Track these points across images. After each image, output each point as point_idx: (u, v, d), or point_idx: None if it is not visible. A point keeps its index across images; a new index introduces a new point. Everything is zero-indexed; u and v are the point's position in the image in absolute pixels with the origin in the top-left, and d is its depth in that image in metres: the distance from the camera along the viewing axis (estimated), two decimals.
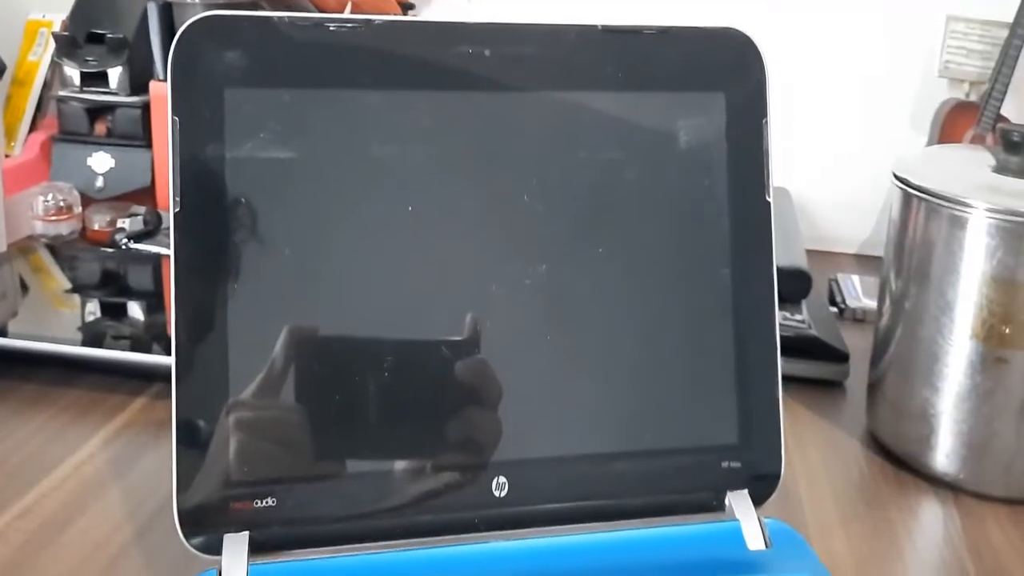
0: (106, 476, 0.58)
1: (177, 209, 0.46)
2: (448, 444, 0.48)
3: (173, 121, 0.46)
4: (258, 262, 0.46)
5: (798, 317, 0.77)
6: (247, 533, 0.46)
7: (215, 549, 0.45)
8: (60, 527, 0.53)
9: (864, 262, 1.03)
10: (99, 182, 0.96)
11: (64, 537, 0.52)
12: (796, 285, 0.78)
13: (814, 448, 0.65)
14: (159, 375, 0.67)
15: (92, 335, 0.72)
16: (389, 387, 0.47)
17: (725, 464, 0.52)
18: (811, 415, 0.70)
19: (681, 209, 0.52)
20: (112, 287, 0.85)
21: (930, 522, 0.57)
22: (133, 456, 0.60)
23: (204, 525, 0.45)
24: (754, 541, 0.50)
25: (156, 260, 0.86)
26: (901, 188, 0.61)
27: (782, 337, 0.53)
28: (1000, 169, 0.61)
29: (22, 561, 0.50)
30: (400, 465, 0.47)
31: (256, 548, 0.46)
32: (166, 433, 0.62)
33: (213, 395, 0.46)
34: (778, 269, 0.53)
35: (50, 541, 0.52)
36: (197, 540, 0.45)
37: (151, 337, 0.73)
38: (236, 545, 0.45)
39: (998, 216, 0.55)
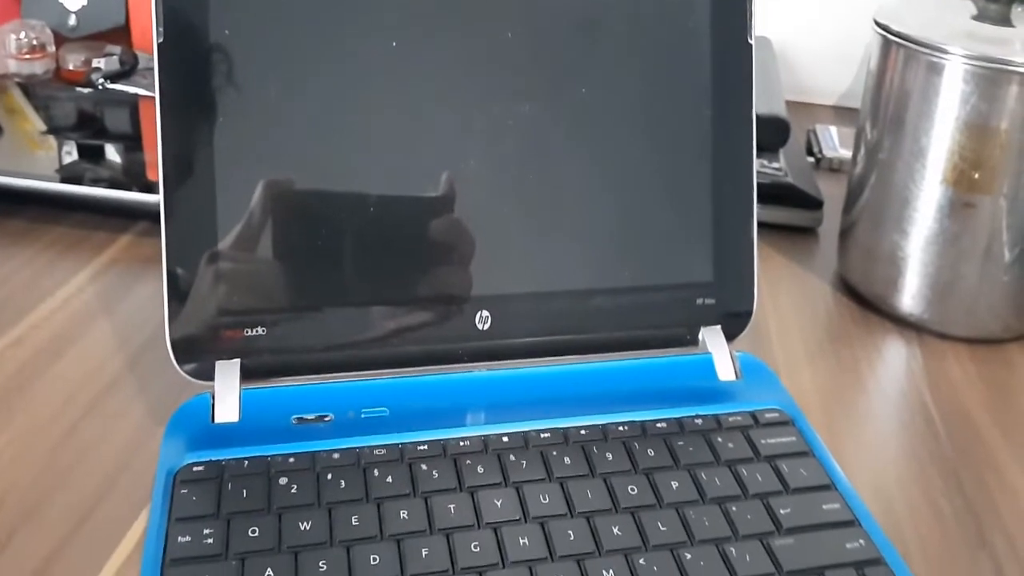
0: (96, 309, 0.59)
1: (161, 40, 0.46)
2: (431, 280, 0.50)
3: None
4: (243, 96, 0.46)
5: (775, 165, 0.77)
6: (238, 360, 0.47)
7: (207, 375, 0.47)
8: (53, 356, 0.55)
9: (842, 114, 1.04)
10: (72, 20, 0.93)
11: (57, 366, 0.54)
12: (774, 133, 0.79)
13: (786, 291, 0.67)
14: (144, 213, 0.68)
15: (71, 176, 0.72)
16: (374, 226, 0.48)
17: (700, 301, 0.53)
18: (784, 260, 0.71)
19: (663, 50, 0.52)
20: (89, 129, 0.84)
21: (893, 359, 0.60)
22: (121, 290, 0.61)
23: (196, 353, 0.47)
24: (725, 372, 0.52)
25: (133, 101, 0.85)
26: (881, 35, 0.61)
27: (759, 184, 0.54)
28: (980, 17, 0.61)
29: (17, 387, 0.52)
30: (385, 299, 0.49)
31: (247, 374, 0.47)
32: (153, 269, 0.63)
33: (202, 228, 0.46)
34: (757, 117, 0.54)
35: (44, 369, 0.53)
36: (190, 367, 0.47)
37: (130, 179, 0.73)
38: (228, 371, 0.47)
39: (974, 62, 0.56)
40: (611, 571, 0.40)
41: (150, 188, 0.68)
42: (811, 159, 0.89)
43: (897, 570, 0.41)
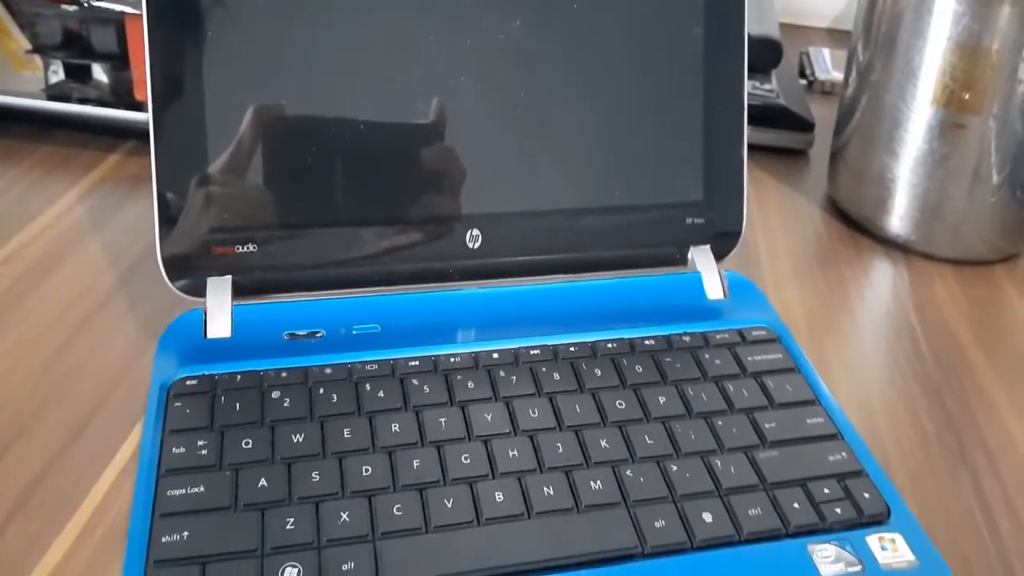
0: (85, 227, 0.59)
1: None
2: (422, 199, 0.50)
3: None
4: (232, 15, 0.46)
5: (767, 87, 0.77)
6: (230, 277, 0.47)
7: (199, 292, 0.47)
8: (43, 274, 0.55)
9: (836, 36, 1.03)
10: None
11: (48, 283, 0.54)
12: (766, 54, 0.78)
13: (775, 213, 0.67)
14: (132, 131, 0.67)
15: (58, 94, 0.71)
16: (365, 145, 0.48)
17: (689, 220, 0.54)
18: (775, 182, 0.71)
19: None
20: (75, 47, 0.83)
21: (880, 279, 0.60)
22: (111, 209, 0.61)
23: (187, 269, 0.47)
24: (713, 291, 0.53)
25: (120, 18, 0.83)
26: None
27: (750, 106, 0.54)
28: None
29: (8, 305, 0.52)
30: (375, 218, 0.49)
31: (239, 291, 0.48)
32: (142, 188, 0.63)
33: (192, 146, 0.46)
34: (749, 38, 0.53)
35: (35, 287, 0.54)
36: (181, 283, 0.47)
37: (117, 98, 0.72)
38: (220, 287, 0.47)
39: None
40: (599, 482, 0.40)
41: (138, 107, 0.68)
42: (803, 81, 0.88)
43: (878, 482, 0.42)
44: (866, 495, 0.41)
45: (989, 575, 0.40)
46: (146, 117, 0.46)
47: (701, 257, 0.53)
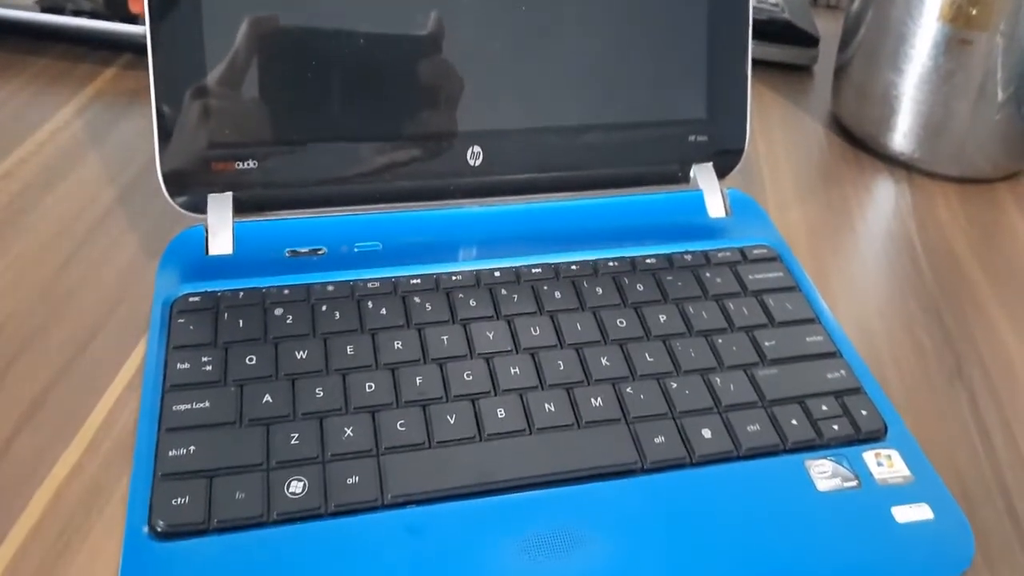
0: (84, 142, 0.59)
1: None
2: (423, 116, 0.49)
3: None
4: None
5: (772, 1, 0.76)
6: (231, 193, 0.47)
7: (200, 208, 0.47)
8: (43, 189, 0.54)
9: None
10: None
11: (48, 199, 0.54)
12: None
13: (778, 130, 0.67)
14: (128, 44, 0.67)
15: (51, 7, 0.70)
16: (365, 61, 0.47)
17: (692, 138, 0.53)
18: (778, 99, 0.71)
19: None
20: None
21: (883, 198, 0.60)
22: (108, 124, 0.61)
23: (188, 185, 0.47)
24: (715, 209, 0.53)
25: None
26: None
27: (755, 20, 0.53)
28: None
29: (8, 220, 0.52)
30: (376, 135, 0.49)
31: (240, 208, 0.47)
32: (139, 102, 0.63)
33: (190, 60, 0.46)
34: None
35: (35, 203, 0.53)
36: (182, 199, 0.47)
37: (112, 10, 0.71)
38: (220, 203, 0.47)
39: None
40: (599, 399, 0.41)
41: (133, 19, 0.67)
42: None
43: (875, 399, 0.42)
44: (863, 412, 0.41)
45: (983, 490, 0.41)
46: (142, 30, 0.45)
47: (703, 175, 0.53)
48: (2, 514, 0.37)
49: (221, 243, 0.47)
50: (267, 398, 0.39)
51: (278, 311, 0.43)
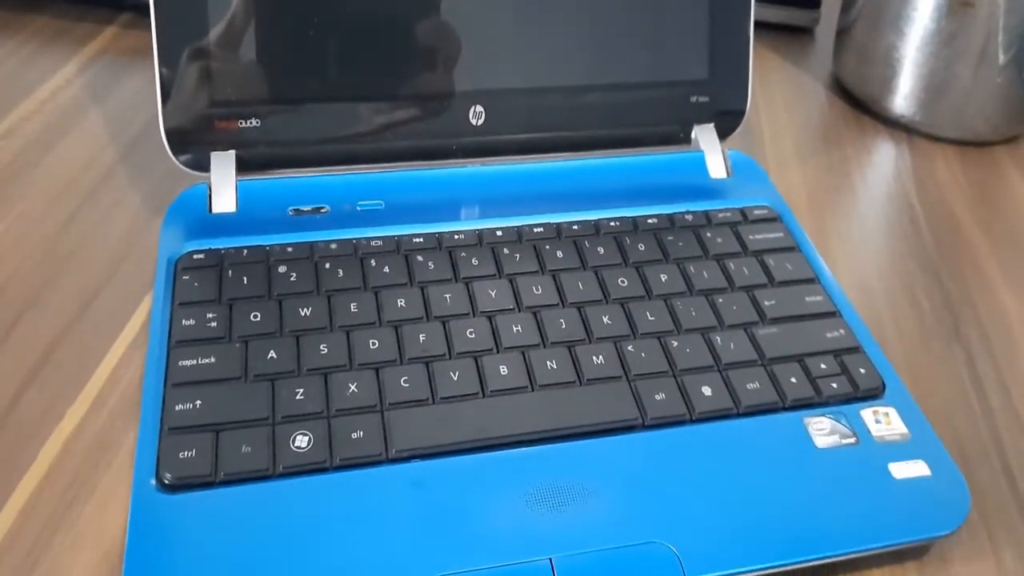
0: (85, 101, 0.59)
1: None
2: (425, 75, 0.49)
3: None
4: None
5: None
6: (233, 152, 0.47)
7: (203, 166, 0.47)
8: (45, 147, 0.54)
9: None
10: None
11: (50, 157, 0.54)
12: None
13: (779, 92, 0.67)
14: (127, 3, 0.66)
15: None
16: (368, 20, 0.47)
17: (693, 99, 0.53)
18: (780, 60, 0.71)
19: None
20: None
21: (883, 159, 0.60)
22: (110, 82, 0.60)
23: (191, 143, 0.47)
24: (716, 170, 0.53)
25: None
26: None
27: None
28: None
29: (11, 178, 0.52)
30: (379, 94, 0.49)
31: (243, 166, 0.48)
32: (141, 61, 0.63)
33: (192, 18, 0.46)
34: None
35: (37, 161, 0.53)
36: (185, 157, 0.47)
37: None
38: (224, 161, 0.47)
39: None
40: (601, 357, 0.41)
41: None
42: None
43: (874, 358, 0.43)
44: (862, 370, 0.42)
45: (979, 447, 0.41)
46: None
47: (705, 136, 0.53)
48: (11, 466, 0.37)
49: (224, 201, 0.47)
50: (272, 354, 0.40)
51: (282, 268, 0.44)
